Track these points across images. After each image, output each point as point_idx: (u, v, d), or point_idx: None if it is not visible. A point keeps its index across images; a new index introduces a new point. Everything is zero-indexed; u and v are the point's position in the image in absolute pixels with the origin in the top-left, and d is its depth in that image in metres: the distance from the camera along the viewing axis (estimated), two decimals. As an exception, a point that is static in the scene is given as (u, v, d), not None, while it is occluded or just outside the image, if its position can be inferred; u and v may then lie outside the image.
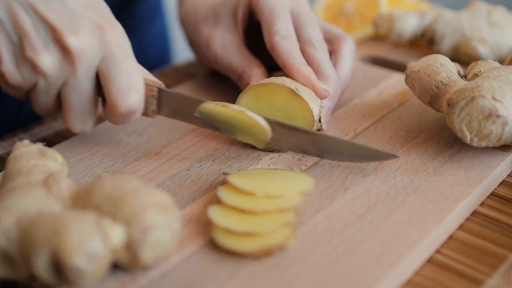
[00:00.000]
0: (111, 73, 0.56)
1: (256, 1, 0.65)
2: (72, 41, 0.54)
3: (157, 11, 0.96)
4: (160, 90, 0.60)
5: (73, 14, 0.55)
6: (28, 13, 0.54)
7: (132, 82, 0.57)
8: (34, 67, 0.55)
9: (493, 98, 0.55)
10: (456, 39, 0.78)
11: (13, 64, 0.55)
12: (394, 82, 0.74)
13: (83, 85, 0.57)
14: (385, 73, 0.76)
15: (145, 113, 0.60)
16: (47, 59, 0.55)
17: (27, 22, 0.54)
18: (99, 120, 0.70)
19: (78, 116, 0.58)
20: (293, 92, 0.59)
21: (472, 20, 0.78)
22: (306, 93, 0.60)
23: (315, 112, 0.60)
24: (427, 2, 0.94)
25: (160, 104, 0.60)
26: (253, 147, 0.62)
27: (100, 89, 0.58)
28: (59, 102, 0.59)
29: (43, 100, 0.58)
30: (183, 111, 0.60)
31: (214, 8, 0.69)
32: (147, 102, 0.60)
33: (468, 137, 0.57)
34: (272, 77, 0.62)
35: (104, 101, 0.59)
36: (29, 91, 0.58)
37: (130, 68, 0.57)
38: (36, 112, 0.60)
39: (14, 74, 0.56)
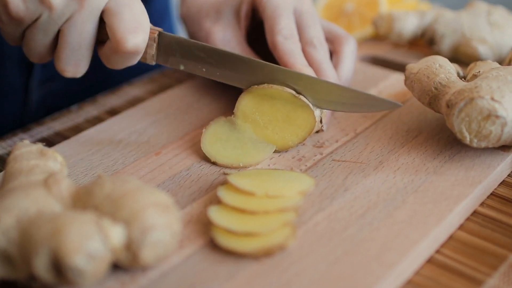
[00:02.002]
0: (120, 10, 0.56)
1: None
2: None
3: (165, 14, 0.96)
4: (160, 34, 0.60)
5: None
6: None
7: (140, 21, 0.56)
8: None
9: (492, 98, 0.55)
10: (456, 39, 0.78)
11: None
12: (394, 82, 0.74)
13: (86, 24, 0.56)
14: (385, 73, 0.76)
15: (144, 58, 0.60)
16: None
17: None
18: (99, 120, 0.70)
19: (73, 57, 0.58)
20: (294, 96, 0.59)
21: (472, 20, 0.78)
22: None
23: (317, 113, 0.60)
24: (427, 2, 0.94)
25: (159, 49, 0.60)
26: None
27: (99, 32, 0.58)
28: (55, 45, 0.58)
29: (40, 39, 0.57)
30: (181, 56, 0.60)
31: (217, 5, 0.69)
32: (147, 45, 0.59)
33: (467, 138, 0.57)
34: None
35: (99, 44, 0.59)
36: (27, 29, 0.57)
37: (138, 7, 0.57)
38: (27, 55, 0.59)
39: (19, 3, 0.54)
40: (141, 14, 0.57)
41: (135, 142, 0.63)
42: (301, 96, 0.59)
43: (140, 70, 0.83)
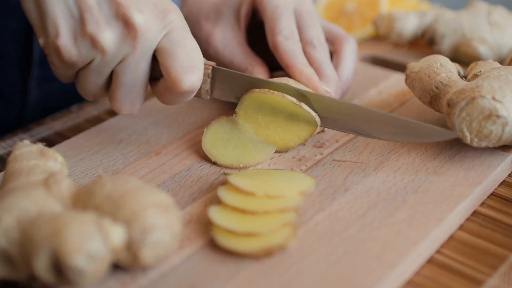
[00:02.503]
0: (173, 50, 0.55)
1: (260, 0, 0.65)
2: (138, 18, 0.54)
3: None
4: (214, 69, 0.60)
5: None
6: None
7: (194, 59, 0.56)
8: (94, 43, 0.54)
9: (493, 98, 0.55)
10: (456, 39, 0.78)
11: (71, 38, 0.54)
12: (394, 82, 0.74)
13: (139, 64, 0.56)
14: (385, 73, 0.76)
15: (199, 93, 0.60)
16: (109, 35, 0.54)
17: None
18: (99, 120, 0.70)
19: (129, 96, 0.58)
20: (295, 105, 0.59)
21: (472, 20, 0.78)
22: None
23: (318, 119, 0.59)
24: (427, 2, 0.94)
25: (213, 83, 0.60)
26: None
27: (152, 69, 0.57)
28: (108, 84, 0.58)
29: (94, 80, 0.57)
30: (235, 90, 0.60)
31: (217, 6, 0.69)
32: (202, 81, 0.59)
33: (468, 137, 0.57)
34: (275, 78, 0.62)
35: (153, 80, 0.59)
36: (80, 70, 0.57)
37: (192, 45, 0.56)
38: (81, 93, 0.59)
39: (71, 49, 0.54)
40: (195, 52, 0.56)
41: (135, 142, 0.63)
42: (302, 104, 0.59)
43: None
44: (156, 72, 0.58)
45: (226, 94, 0.61)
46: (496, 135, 0.56)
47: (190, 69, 0.56)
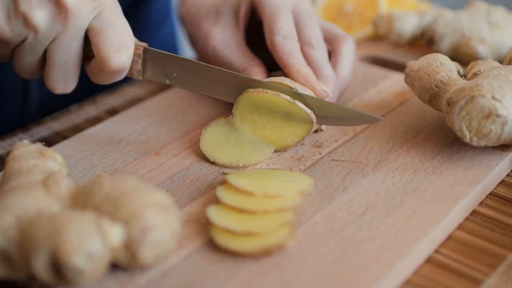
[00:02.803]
0: (104, 29, 0.57)
1: None
2: None
3: (166, 16, 0.96)
4: (145, 49, 0.61)
5: None
6: None
7: (124, 39, 0.58)
8: (26, 21, 0.55)
9: (493, 97, 0.55)
10: (456, 39, 0.78)
11: (4, 17, 0.55)
12: (394, 82, 0.74)
13: (71, 44, 0.57)
14: (385, 73, 0.76)
15: (130, 73, 0.61)
16: (41, 14, 0.55)
17: None
18: (99, 119, 0.70)
19: (61, 75, 0.59)
20: (289, 102, 0.59)
21: (472, 20, 0.78)
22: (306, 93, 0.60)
23: (313, 116, 0.60)
24: (426, 2, 0.94)
25: (145, 64, 0.61)
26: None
27: (85, 49, 0.59)
28: (43, 62, 0.59)
29: (28, 58, 0.58)
30: (167, 71, 0.61)
31: (216, 6, 0.69)
32: (133, 61, 0.60)
33: (467, 136, 0.57)
34: (271, 77, 0.62)
35: (86, 60, 0.60)
36: (15, 49, 0.58)
37: (123, 25, 0.58)
38: (17, 71, 0.60)
39: (4, 27, 0.55)
40: (125, 32, 0.58)
41: (134, 142, 0.64)
42: (296, 101, 0.59)
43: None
44: (89, 52, 0.59)
45: (157, 75, 0.62)
46: (496, 134, 0.56)
47: (119, 49, 0.57)
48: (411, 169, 0.58)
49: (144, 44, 0.61)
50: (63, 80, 0.59)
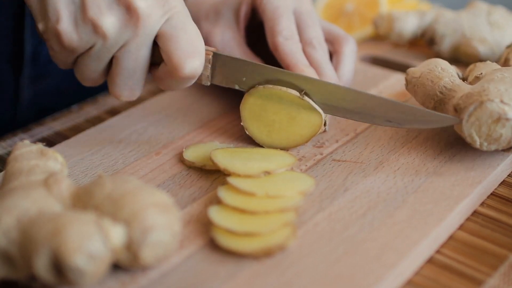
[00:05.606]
0: (175, 35, 0.55)
1: (259, 0, 0.65)
2: (140, 3, 0.53)
3: None
4: (215, 54, 0.59)
5: None
6: None
7: (196, 45, 0.56)
8: (95, 28, 0.53)
9: (501, 101, 0.55)
10: (456, 39, 0.78)
11: (71, 23, 0.53)
12: (394, 82, 0.74)
13: (140, 50, 0.55)
14: (385, 73, 0.76)
15: (199, 79, 0.60)
16: (110, 20, 0.53)
17: None
18: (100, 120, 0.70)
19: (128, 82, 0.57)
20: (299, 98, 0.59)
21: (472, 20, 0.78)
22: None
23: (324, 116, 0.59)
24: (427, 2, 0.94)
25: (213, 69, 0.60)
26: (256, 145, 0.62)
27: (152, 54, 0.57)
28: (108, 69, 0.57)
29: (94, 66, 0.56)
30: (236, 76, 0.60)
31: (216, 6, 0.69)
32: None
33: (477, 142, 0.57)
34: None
35: (153, 66, 0.58)
36: (79, 56, 0.56)
37: (194, 30, 0.56)
38: (79, 79, 0.59)
39: (72, 34, 0.54)
40: (196, 37, 0.56)
41: (135, 142, 0.63)
42: (305, 97, 0.59)
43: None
44: (156, 58, 0.57)
45: (226, 80, 0.60)
46: (506, 138, 0.56)
47: (192, 54, 0.55)
48: (413, 170, 0.58)
49: (213, 49, 0.60)
50: (129, 87, 0.58)
